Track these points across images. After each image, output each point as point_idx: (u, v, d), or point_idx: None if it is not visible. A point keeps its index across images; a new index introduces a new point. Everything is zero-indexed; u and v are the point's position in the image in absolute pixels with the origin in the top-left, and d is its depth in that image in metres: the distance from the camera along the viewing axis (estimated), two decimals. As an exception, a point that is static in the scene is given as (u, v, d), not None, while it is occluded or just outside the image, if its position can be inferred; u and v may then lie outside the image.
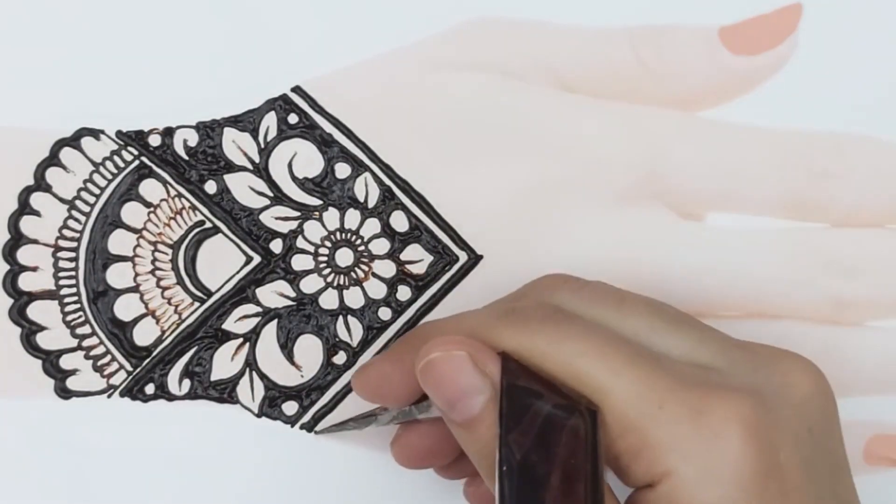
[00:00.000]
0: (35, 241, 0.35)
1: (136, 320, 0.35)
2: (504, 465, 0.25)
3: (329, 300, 0.35)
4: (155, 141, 0.35)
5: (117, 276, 0.35)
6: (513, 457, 0.25)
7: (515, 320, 0.27)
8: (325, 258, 0.35)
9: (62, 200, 0.35)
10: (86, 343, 0.35)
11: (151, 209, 0.35)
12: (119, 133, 0.35)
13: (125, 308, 0.35)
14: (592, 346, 0.26)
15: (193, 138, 0.35)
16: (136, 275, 0.35)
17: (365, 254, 0.35)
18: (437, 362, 0.27)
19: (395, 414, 0.31)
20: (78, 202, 0.35)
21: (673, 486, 0.25)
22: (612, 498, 0.26)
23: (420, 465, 0.32)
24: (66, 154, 0.35)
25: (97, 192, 0.35)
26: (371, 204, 0.35)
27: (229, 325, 0.35)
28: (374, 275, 0.35)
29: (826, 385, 0.28)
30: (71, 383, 0.34)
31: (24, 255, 0.34)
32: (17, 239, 0.34)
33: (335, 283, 0.35)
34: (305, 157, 0.35)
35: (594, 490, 0.25)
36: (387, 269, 0.35)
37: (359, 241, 0.35)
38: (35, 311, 0.34)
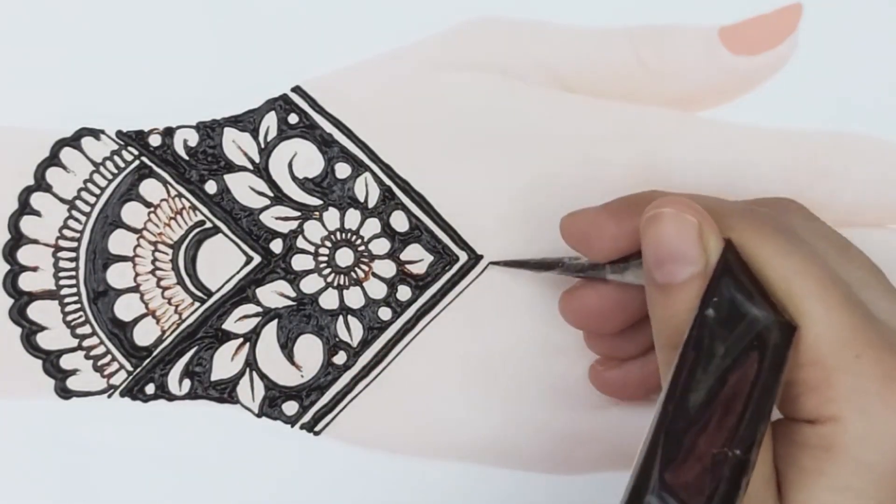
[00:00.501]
0: (35, 241, 0.35)
1: (136, 320, 0.35)
2: (691, 342, 0.25)
3: (329, 300, 0.35)
4: (155, 141, 0.35)
5: (117, 276, 0.35)
6: (702, 339, 0.25)
7: (752, 218, 0.27)
8: (326, 258, 0.35)
9: (62, 200, 0.35)
10: (86, 343, 0.35)
11: (152, 209, 0.35)
12: (119, 133, 0.35)
13: (125, 308, 0.35)
14: (815, 272, 0.26)
15: (194, 138, 0.35)
16: (137, 275, 0.35)
17: (365, 254, 0.35)
18: (665, 217, 0.27)
19: (586, 267, 0.31)
20: (78, 202, 0.35)
21: (835, 432, 0.25)
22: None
23: (582, 325, 0.33)
24: (67, 154, 0.35)
25: (97, 191, 0.35)
26: (371, 204, 0.35)
27: (229, 325, 0.35)
28: (375, 275, 0.35)
29: None
30: (71, 383, 0.34)
31: (25, 255, 0.34)
32: (18, 239, 0.34)
33: (335, 283, 0.35)
34: (305, 157, 0.35)
35: (763, 402, 0.25)
36: (387, 269, 0.35)
37: (359, 241, 0.35)
38: (35, 311, 0.34)
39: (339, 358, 0.35)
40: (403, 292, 0.35)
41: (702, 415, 0.25)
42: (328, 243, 0.35)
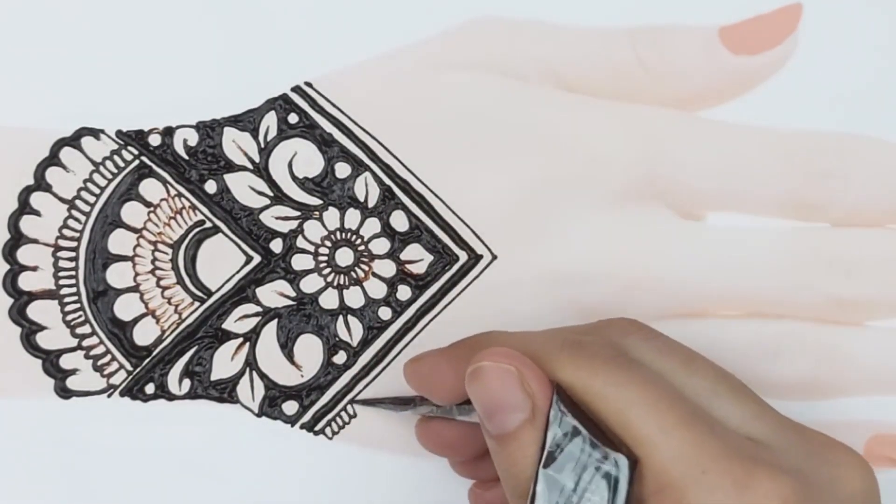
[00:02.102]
0: (35, 241, 0.35)
1: (136, 320, 0.35)
2: (535, 498, 0.25)
3: (329, 300, 0.35)
4: (155, 140, 0.35)
5: (117, 275, 0.35)
6: (546, 492, 0.25)
7: (579, 354, 0.27)
8: (326, 258, 0.35)
9: (62, 200, 0.35)
10: (86, 343, 0.35)
11: (151, 209, 0.35)
12: (119, 133, 0.35)
13: (125, 308, 0.35)
14: (648, 397, 0.26)
15: (193, 138, 0.35)
16: (136, 274, 0.35)
17: (365, 253, 0.35)
18: (485, 370, 0.27)
19: (436, 408, 0.32)
20: (78, 202, 0.35)
21: None
22: None
23: (440, 453, 0.33)
24: (66, 154, 0.35)
25: (97, 191, 0.35)
26: (371, 203, 0.35)
27: (229, 324, 0.35)
28: (375, 274, 0.35)
29: (874, 484, 0.28)
30: (71, 383, 0.34)
31: (24, 254, 0.34)
32: (17, 238, 0.34)
33: (335, 283, 0.35)
34: (305, 157, 0.35)
35: None
36: (387, 268, 0.35)
37: (359, 241, 0.35)
38: (35, 310, 0.34)
39: (340, 357, 0.35)
40: (403, 292, 0.35)
41: None
42: (328, 243, 0.35)
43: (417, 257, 0.35)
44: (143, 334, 0.35)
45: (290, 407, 0.35)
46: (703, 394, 0.28)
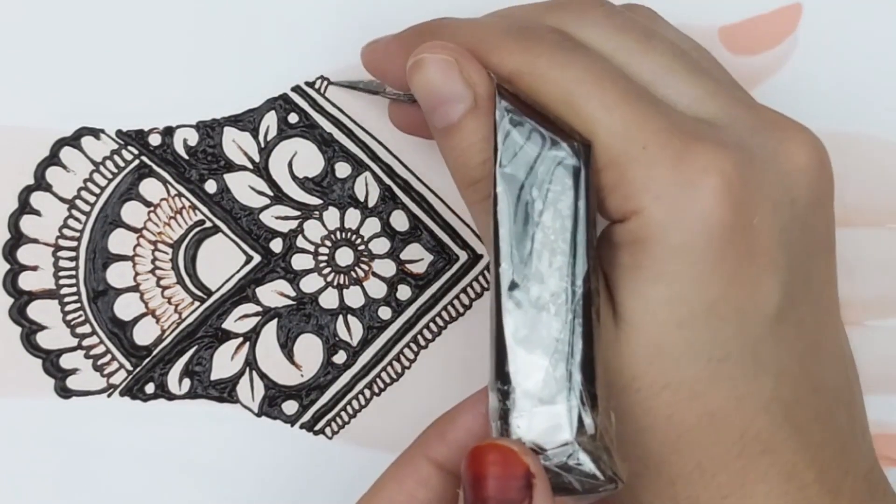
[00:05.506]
0: (35, 241, 0.35)
1: (136, 320, 0.35)
2: (496, 201, 0.25)
3: (329, 299, 0.35)
4: (155, 140, 0.35)
5: (117, 275, 0.35)
6: (506, 192, 0.25)
7: (521, 39, 0.27)
8: (326, 257, 0.35)
9: (62, 200, 0.35)
10: (86, 342, 0.35)
11: (151, 208, 0.35)
12: (119, 132, 0.35)
13: (125, 307, 0.35)
14: (591, 75, 0.26)
15: (193, 138, 0.35)
16: (137, 274, 0.35)
17: (365, 253, 0.35)
18: (424, 62, 0.27)
19: (403, 94, 0.32)
20: (78, 201, 0.35)
21: (640, 225, 0.25)
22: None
23: (410, 133, 0.33)
24: (67, 153, 0.35)
25: (97, 191, 0.35)
26: (371, 203, 0.35)
27: (229, 324, 0.35)
28: (375, 274, 0.35)
29: (825, 162, 0.28)
30: (71, 382, 0.34)
31: (25, 254, 0.34)
32: (18, 238, 0.34)
33: (335, 283, 0.35)
34: (305, 157, 0.35)
35: (585, 229, 0.25)
36: (387, 268, 0.35)
37: (359, 241, 0.35)
38: (35, 310, 0.34)
39: (339, 357, 0.35)
40: (403, 291, 0.35)
41: (533, 265, 0.25)
42: (328, 243, 0.35)
43: (417, 257, 0.35)
44: (143, 334, 0.35)
45: (290, 406, 0.35)
46: (657, 71, 0.27)
